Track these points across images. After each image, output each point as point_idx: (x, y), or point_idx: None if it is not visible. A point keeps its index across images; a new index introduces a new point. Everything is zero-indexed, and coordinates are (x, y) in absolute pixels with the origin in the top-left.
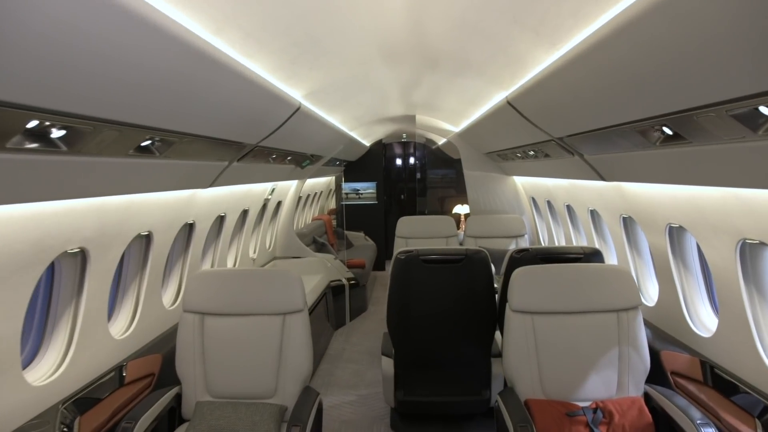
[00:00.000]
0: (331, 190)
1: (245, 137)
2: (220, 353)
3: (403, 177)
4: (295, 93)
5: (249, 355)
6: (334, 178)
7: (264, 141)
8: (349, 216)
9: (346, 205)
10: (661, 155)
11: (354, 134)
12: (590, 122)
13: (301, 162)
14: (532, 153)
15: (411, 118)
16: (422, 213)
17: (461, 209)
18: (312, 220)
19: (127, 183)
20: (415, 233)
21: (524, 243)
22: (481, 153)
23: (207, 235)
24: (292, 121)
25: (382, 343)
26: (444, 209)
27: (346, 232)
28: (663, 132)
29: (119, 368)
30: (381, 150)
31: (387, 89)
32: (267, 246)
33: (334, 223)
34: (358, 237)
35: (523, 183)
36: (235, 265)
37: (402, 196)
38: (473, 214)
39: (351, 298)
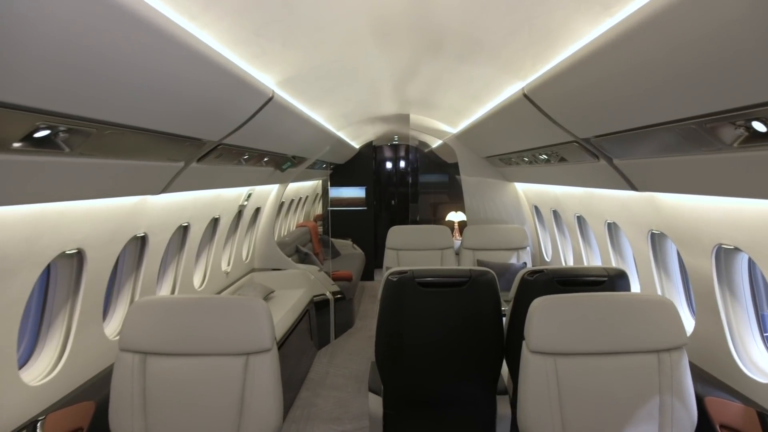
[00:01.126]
0: (317, 194)
1: (204, 132)
2: (166, 403)
3: (393, 181)
4: (266, 78)
5: (202, 405)
6: (320, 182)
7: (229, 138)
8: (336, 222)
9: (333, 210)
10: (722, 161)
11: (342, 134)
12: (627, 120)
13: (280, 164)
14: (543, 157)
15: (404, 118)
16: (414, 221)
17: (455, 216)
18: (296, 227)
19: (34, 187)
20: (408, 244)
21: (526, 256)
22: (481, 157)
23: (168, 249)
24: (264, 114)
25: (369, 377)
26: (437, 216)
27: (332, 240)
28: (745, 129)
29: (33, 424)
30: (371, 153)
31: (379, 82)
32: (244, 257)
33: (320, 230)
34: (345, 245)
35: (525, 190)
36: (203, 281)
37: (392, 202)
38: (470, 223)
39: (336, 312)
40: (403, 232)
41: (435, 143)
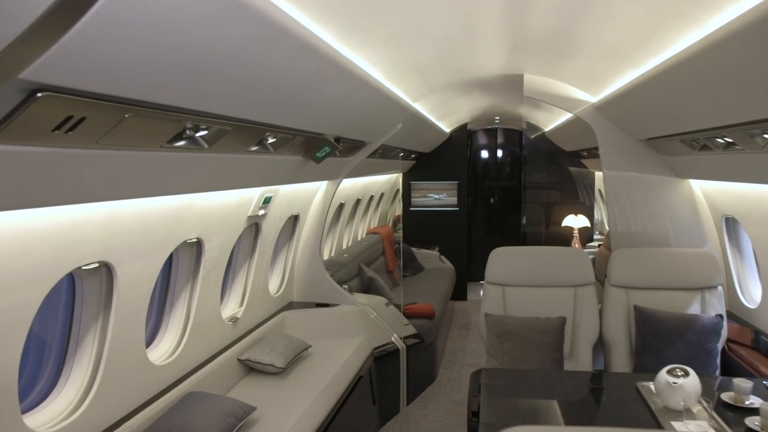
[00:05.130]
0: (398, 190)
1: None
2: None
3: (492, 174)
4: None
5: None
6: (400, 175)
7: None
8: (419, 227)
9: (415, 212)
10: None
11: (421, 108)
12: None
13: (314, 150)
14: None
15: (515, 81)
16: (520, 228)
17: (575, 221)
18: (366, 234)
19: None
20: (519, 277)
21: (718, 302)
22: (636, 139)
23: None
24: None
25: None
26: (550, 220)
27: (414, 249)
28: None
29: None
30: (465, 139)
31: (480, 12)
32: (274, 289)
33: (397, 236)
34: (430, 257)
35: (707, 191)
36: (183, 338)
37: (491, 200)
38: (616, 242)
39: (410, 364)
40: (511, 257)
41: (551, 124)
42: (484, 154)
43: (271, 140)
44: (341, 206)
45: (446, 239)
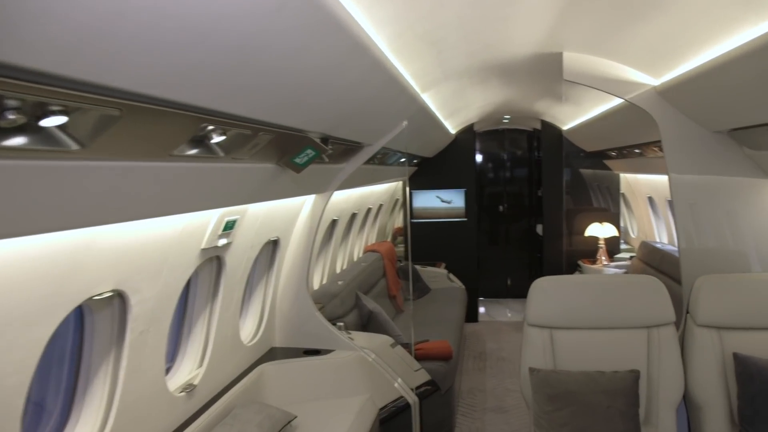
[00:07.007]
0: (397, 200)
1: None
2: None
3: (500, 180)
4: None
5: None
6: (400, 183)
7: None
8: (423, 241)
9: (417, 223)
10: None
11: (428, 99)
12: None
13: (292, 154)
14: None
15: (550, 62)
16: (536, 239)
17: (600, 230)
18: (364, 252)
19: None
20: (572, 317)
21: None
22: (712, 131)
23: None
24: None
25: None
26: (572, 229)
27: (419, 267)
28: None
29: None
30: (471, 141)
31: None
32: (252, 334)
33: (398, 251)
34: (437, 276)
35: None
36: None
37: (501, 208)
38: (689, 271)
39: (424, 418)
40: (561, 290)
41: (572, 121)
42: (491, 157)
43: (216, 138)
44: (334, 223)
45: (453, 252)
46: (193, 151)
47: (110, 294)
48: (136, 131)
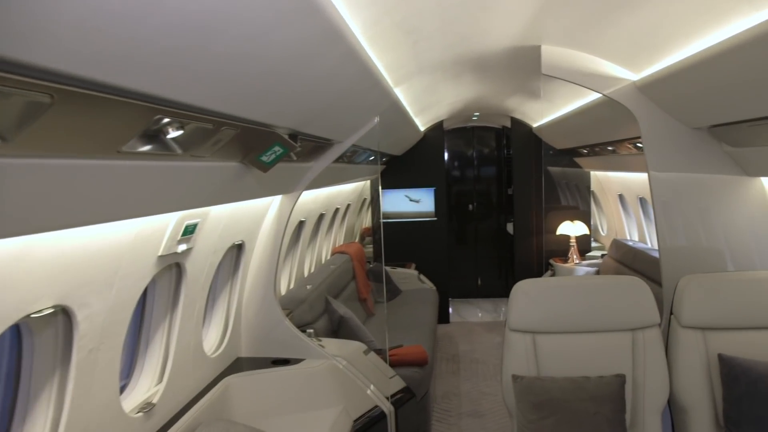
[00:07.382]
0: (365, 200)
1: None
2: None
3: (469, 178)
4: None
5: None
6: (368, 182)
7: None
8: (393, 241)
9: (387, 224)
10: None
11: (400, 95)
12: None
13: (258, 152)
14: None
15: (527, 55)
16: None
17: (571, 229)
18: (332, 254)
19: None
20: (555, 321)
21: None
22: (692, 128)
23: None
24: None
25: None
26: (543, 227)
27: (389, 269)
28: None
29: None
30: (440, 139)
31: None
32: (216, 344)
33: (367, 251)
34: (408, 277)
35: None
36: None
37: (470, 207)
38: (669, 270)
39: (399, 426)
40: (543, 293)
41: (543, 119)
42: (459, 155)
43: (173, 132)
44: (301, 224)
45: (423, 252)
46: (147, 148)
47: (51, 310)
48: (74, 123)
